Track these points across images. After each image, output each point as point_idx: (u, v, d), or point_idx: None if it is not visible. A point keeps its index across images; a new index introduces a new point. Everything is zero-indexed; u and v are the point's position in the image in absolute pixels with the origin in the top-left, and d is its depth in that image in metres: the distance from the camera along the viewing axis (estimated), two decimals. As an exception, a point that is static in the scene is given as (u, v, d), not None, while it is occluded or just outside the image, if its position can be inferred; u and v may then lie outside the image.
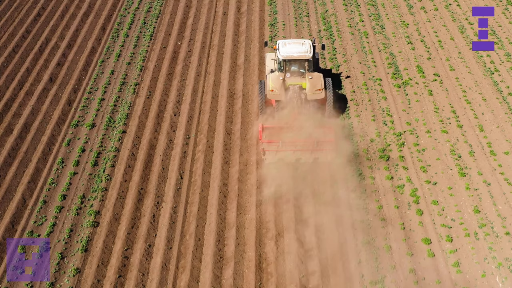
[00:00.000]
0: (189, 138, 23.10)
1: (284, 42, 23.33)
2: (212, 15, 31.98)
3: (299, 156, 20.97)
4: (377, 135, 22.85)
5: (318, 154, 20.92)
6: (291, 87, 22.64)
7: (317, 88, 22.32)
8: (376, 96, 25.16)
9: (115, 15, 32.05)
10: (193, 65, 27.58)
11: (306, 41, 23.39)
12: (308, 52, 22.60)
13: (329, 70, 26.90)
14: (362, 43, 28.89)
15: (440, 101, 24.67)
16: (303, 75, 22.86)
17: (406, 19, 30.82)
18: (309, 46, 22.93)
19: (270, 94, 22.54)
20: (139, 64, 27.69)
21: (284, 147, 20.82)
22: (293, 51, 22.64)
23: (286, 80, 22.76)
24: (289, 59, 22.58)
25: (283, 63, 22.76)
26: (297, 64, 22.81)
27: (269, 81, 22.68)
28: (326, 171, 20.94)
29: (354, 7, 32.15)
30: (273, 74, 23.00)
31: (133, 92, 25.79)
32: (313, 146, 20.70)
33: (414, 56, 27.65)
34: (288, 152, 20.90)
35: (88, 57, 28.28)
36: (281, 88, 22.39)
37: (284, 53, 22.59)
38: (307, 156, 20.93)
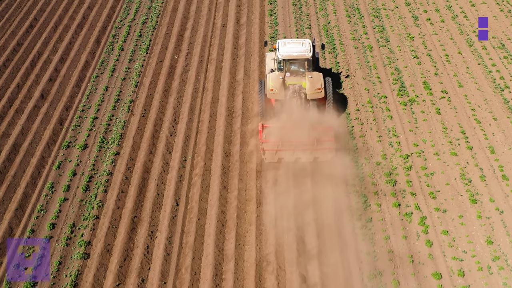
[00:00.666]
0: (185, 160, 22.01)
1: (284, 42, 23.31)
2: (211, 27, 30.90)
3: (299, 156, 20.98)
4: (383, 158, 21.77)
5: (318, 154, 20.94)
6: (291, 87, 22.59)
7: (317, 88, 22.29)
8: (381, 114, 24.07)
9: (110, 26, 30.97)
10: (190, 81, 26.50)
11: (305, 40, 23.36)
12: (308, 51, 22.57)
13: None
14: (366, 57, 27.81)
15: (448, 120, 23.58)
16: (303, 74, 22.80)
17: (412, 31, 29.73)
18: (309, 45, 22.90)
19: (270, 93, 22.48)
20: (134, 80, 26.60)
21: (284, 147, 20.82)
22: (292, 50, 22.64)
23: (286, 79, 22.69)
24: (289, 58, 22.54)
25: (283, 63, 22.70)
26: (296, 63, 22.77)
27: (269, 81, 22.60)
28: (330, 198, 19.87)
29: (357, 18, 31.07)
30: (273, 74, 22.91)
31: (127, 110, 24.70)
32: (313, 145, 20.71)
33: (421, 72, 26.55)
34: (288, 152, 20.91)
35: (81, 72, 27.19)
36: (281, 87, 22.34)
37: (283, 53, 22.54)
38: (307, 155, 20.91)
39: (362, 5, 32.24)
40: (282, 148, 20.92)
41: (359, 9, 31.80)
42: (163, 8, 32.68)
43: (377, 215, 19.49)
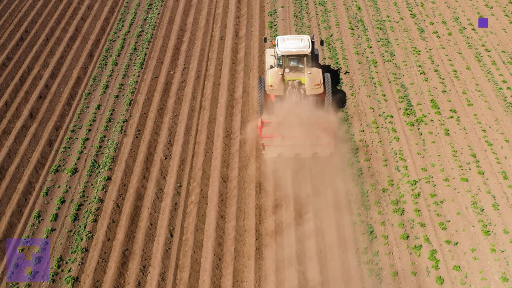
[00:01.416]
0: (180, 186, 20.81)
1: (283, 38, 23.37)
2: (208, 39, 29.69)
3: (298, 151, 21.08)
4: (389, 184, 20.56)
5: (318, 149, 21.01)
6: (290, 83, 22.70)
7: (316, 83, 22.34)
8: (387, 136, 22.87)
9: (104, 39, 29.76)
10: (186, 99, 25.30)
11: (305, 36, 23.44)
12: (307, 47, 22.68)
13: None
14: (371, 72, 26.59)
15: (458, 142, 22.38)
16: (302, 70, 22.93)
17: (418, 45, 28.52)
18: (308, 41, 22.99)
19: (270, 89, 22.54)
20: (128, 97, 25.41)
21: (283, 142, 20.93)
22: (292, 46, 22.74)
23: (285, 75, 22.77)
24: (288, 54, 22.60)
25: (282, 59, 22.78)
26: (296, 59, 22.87)
27: (268, 77, 22.69)
28: (334, 229, 18.69)
29: (361, 31, 29.85)
30: (272, 70, 22.98)
31: (120, 130, 23.50)
32: (312, 141, 20.85)
33: (428, 89, 25.34)
34: (287, 147, 21.00)
35: (73, 88, 25.99)
36: (280, 83, 22.44)
37: (283, 49, 22.63)
38: (306, 151, 21.02)
39: (365, 17, 31.04)
40: (282, 144, 20.95)
41: (362, 21, 30.61)
42: (159, 20, 31.49)
43: (384, 248, 18.29)
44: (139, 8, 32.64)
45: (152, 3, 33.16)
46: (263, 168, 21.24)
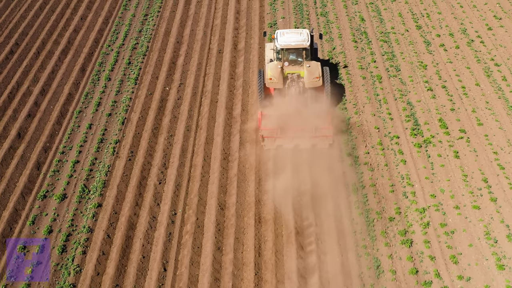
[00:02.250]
0: (175, 214, 19.64)
1: (283, 32, 23.60)
2: (206, 53, 28.49)
3: (297, 143, 21.42)
4: (396, 212, 19.39)
5: (316, 141, 21.40)
6: (289, 76, 22.99)
7: (315, 76, 22.63)
8: (393, 158, 21.69)
9: (97, 53, 28.57)
10: (182, 117, 24.12)
11: (304, 30, 23.67)
12: (306, 41, 22.92)
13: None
14: (375, 89, 25.41)
15: (468, 165, 21.20)
16: (301, 63, 23.18)
17: (424, 59, 27.33)
18: (307, 35, 23.21)
19: (269, 82, 22.85)
20: (121, 116, 24.23)
21: (282, 134, 21.39)
22: (291, 40, 22.98)
23: (284, 68, 23.03)
24: (287, 47, 22.86)
25: (281, 52, 23.04)
26: (295, 53, 23.10)
27: (268, 70, 22.99)
28: (338, 262, 17.52)
29: (365, 43, 28.66)
30: (272, 63, 23.27)
31: (112, 152, 22.33)
32: (311, 132, 21.27)
33: (436, 107, 24.15)
34: (286, 139, 21.43)
35: (64, 106, 24.81)
36: (280, 76, 22.73)
37: (282, 42, 22.90)
38: (305, 142, 21.40)
39: (369, 28, 29.85)
40: (281, 135, 21.40)
41: (366, 33, 29.41)
42: (155, 32, 30.30)
43: (392, 284, 17.12)
44: (134, 19, 31.47)
45: (148, 13, 31.99)
46: (262, 196, 20.09)
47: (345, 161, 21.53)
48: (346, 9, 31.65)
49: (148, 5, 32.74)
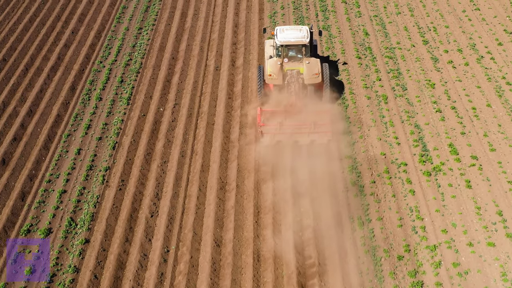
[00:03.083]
0: (168, 251, 18.30)
1: (282, 28, 23.80)
2: (202, 70, 27.14)
3: (296, 139, 21.66)
4: (405, 250, 18.04)
5: (315, 137, 21.58)
6: (288, 72, 23.07)
7: (314, 73, 22.80)
8: (401, 188, 20.34)
9: (88, 69, 27.20)
10: (177, 141, 22.77)
11: (303, 27, 23.84)
12: (305, 37, 23.08)
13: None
14: (381, 110, 24.07)
15: (481, 196, 19.85)
16: (301, 60, 23.31)
17: (432, 77, 25.97)
18: (307, 32, 23.40)
19: (268, 78, 23.06)
20: (112, 140, 22.88)
21: (281, 130, 21.59)
22: (290, 36, 23.14)
23: (284, 65, 23.14)
24: (287, 44, 23.05)
25: (280, 49, 23.21)
26: (294, 49, 23.32)
27: (267, 66, 23.15)
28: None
29: (369, 60, 27.30)
30: (271, 60, 23.41)
31: (102, 180, 20.98)
32: (310, 128, 21.47)
33: (445, 130, 22.81)
34: (285, 135, 21.64)
35: (52, 129, 23.46)
36: (279, 73, 22.89)
37: (281, 39, 23.08)
38: (304, 139, 21.63)
39: (374, 43, 28.49)
40: (280, 131, 21.57)
41: (370, 49, 28.05)
42: (149, 47, 28.94)
43: (402, 334, 15.80)
44: (128, 33, 30.12)
45: (142, 27, 30.64)
46: (261, 230, 18.76)
47: (350, 191, 20.21)
48: (349, 22, 30.31)
49: (142, 18, 31.39)
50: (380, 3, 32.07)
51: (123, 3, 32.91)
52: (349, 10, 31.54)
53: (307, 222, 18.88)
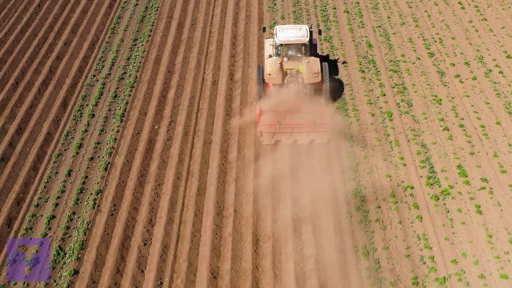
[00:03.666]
0: (161, 284, 17.27)
1: (282, 28, 23.74)
2: (199, 84, 26.08)
3: (295, 138, 21.66)
4: (413, 282, 17.01)
5: (314, 136, 21.59)
6: (288, 71, 23.06)
7: (314, 72, 22.77)
8: (407, 214, 19.31)
9: (81, 84, 26.16)
10: (172, 162, 21.74)
11: (303, 26, 23.78)
12: (305, 36, 23.03)
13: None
14: (385, 127, 23.03)
15: (492, 223, 18.82)
16: (300, 59, 23.26)
17: (438, 92, 24.94)
18: (306, 31, 23.35)
19: (268, 78, 23.07)
20: (104, 160, 21.85)
21: (281, 129, 21.60)
22: (290, 35, 23.09)
23: (284, 64, 23.10)
24: (286, 43, 23.00)
25: (280, 48, 23.18)
26: (294, 48, 23.27)
27: (267, 66, 23.13)
28: None
29: (373, 73, 26.25)
30: (271, 59, 23.37)
31: (93, 205, 19.95)
32: (309, 128, 21.47)
33: (453, 150, 21.77)
34: (284, 134, 21.60)
35: (41, 148, 22.42)
36: (279, 72, 22.87)
37: (281, 38, 23.02)
38: (303, 138, 21.63)
39: (377, 56, 27.44)
40: (279, 131, 21.55)
41: (374, 61, 27.00)
42: (144, 59, 27.88)
43: None
44: (122, 45, 29.06)
45: (137, 38, 29.58)
46: (260, 260, 17.72)
47: (354, 217, 19.19)
48: (351, 33, 29.26)
49: (137, 29, 30.34)
50: (384, 13, 31.03)
51: (118, 12, 31.86)
52: (351, 20, 30.51)
53: (308, 252, 17.86)
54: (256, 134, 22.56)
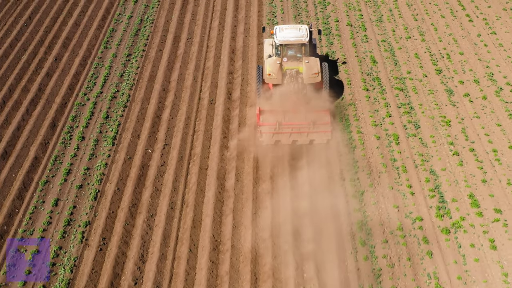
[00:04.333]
0: (153, 329, 16.04)
1: (281, 28, 23.56)
2: (195, 104, 24.83)
3: (295, 138, 21.47)
4: (424, 328, 15.78)
5: (314, 136, 21.46)
6: (288, 71, 22.90)
7: (314, 72, 22.64)
8: (417, 249, 18.06)
9: (71, 103, 24.90)
10: (166, 190, 20.49)
11: (302, 26, 23.58)
12: (305, 36, 22.85)
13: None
14: (392, 152, 21.78)
15: (508, 259, 17.57)
16: (300, 59, 23.10)
17: (447, 112, 23.68)
18: (306, 31, 23.17)
19: (268, 78, 22.90)
20: (94, 188, 20.60)
21: (280, 129, 21.38)
22: (289, 35, 22.92)
23: (283, 64, 22.97)
24: (286, 43, 22.81)
25: (280, 48, 23.00)
26: (293, 48, 23.08)
27: (267, 66, 22.97)
28: None
29: (377, 92, 24.99)
30: (271, 59, 23.21)
31: (81, 239, 18.70)
32: (309, 128, 21.30)
33: (464, 177, 20.52)
34: (284, 134, 21.40)
35: (28, 174, 21.18)
36: (278, 72, 22.73)
37: (280, 38, 22.85)
38: (303, 138, 21.49)
39: (382, 73, 26.18)
40: (279, 131, 21.34)
41: (379, 79, 25.75)
42: (138, 76, 26.62)
43: None
44: (116, 60, 27.79)
45: (131, 53, 28.30)
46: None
47: (359, 253, 17.96)
48: (355, 48, 28.00)
49: (132, 43, 29.07)
50: (388, 26, 29.77)
51: (112, 25, 30.60)
52: (354, 34, 29.25)
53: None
54: (254, 158, 21.37)
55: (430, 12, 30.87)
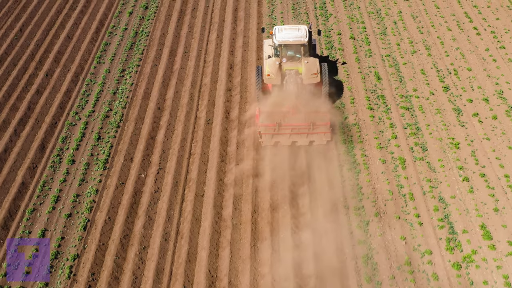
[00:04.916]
0: None
1: (281, 28, 23.56)
2: (192, 124, 23.70)
3: (294, 139, 21.43)
4: None
5: (314, 137, 21.40)
6: (287, 72, 22.92)
7: (313, 73, 22.68)
8: (426, 286, 16.94)
9: (61, 123, 23.79)
10: (159, 219, 19.39)
11: (302, 26, 23.62)
12: (304, 37, 22.87)
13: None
14: (398, 177, 20.67)
15: (524, 298, 16.49)
16: (299, 60, 23.08)
17: (456, 133, 22.57)
18: (305, 31, 23.18)
19: (267, 78, 22.94)
20: (84, 218, 19.49)
21: (280, 130, 21.26)
22: (289, 36, 22.93)
23: (283, 65, 22.97)
24: (285, 44, 22.81)
25: (279, 48, 22.99)
26: (293, 49, 23.07)
27: (266, 66, 22.99)
28: None
29: (382, 111, 23.88)
30: (270, 60, 23.21)
31: (68, 274, 17.58)
32: (308, 129, 21.18)
33: (475, 205, 19.41)
34: (284, 135, 21.33)
35: (14, 201, 20.07)
36: (278, 73, 22.76)
37: (280, 38, 22.87)
38: (303, 139, 21.44)
39: (387, 90, 25.07)
40: (278, 132, 21.23)
41: (383, 97, 24.64)
42: (132, 93, 25.51)
43: None
44: (109, 76, 26.68)
45: (125, 68, 27.19)
46: None
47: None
48: (358, 63, 26.88)
49: (126, 57, 27.95)
50: (393, 40, 28.65)
51: (105, 38, 29.48)
52: (358, 48, 28.13)
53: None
54: (252, 184, 20.27)
55: (436, 25, 29.76)
